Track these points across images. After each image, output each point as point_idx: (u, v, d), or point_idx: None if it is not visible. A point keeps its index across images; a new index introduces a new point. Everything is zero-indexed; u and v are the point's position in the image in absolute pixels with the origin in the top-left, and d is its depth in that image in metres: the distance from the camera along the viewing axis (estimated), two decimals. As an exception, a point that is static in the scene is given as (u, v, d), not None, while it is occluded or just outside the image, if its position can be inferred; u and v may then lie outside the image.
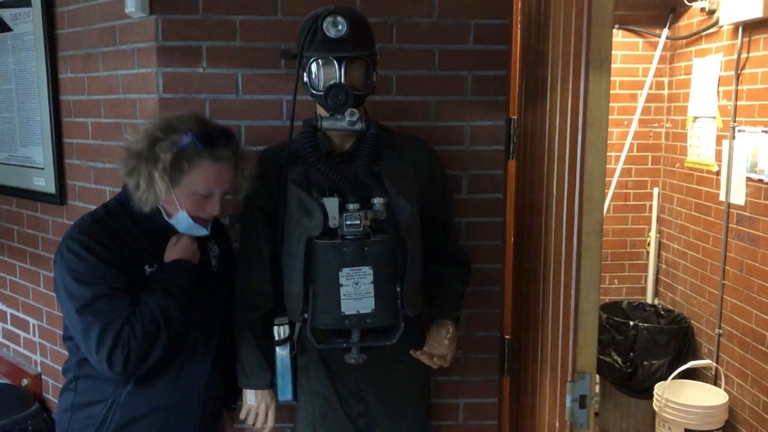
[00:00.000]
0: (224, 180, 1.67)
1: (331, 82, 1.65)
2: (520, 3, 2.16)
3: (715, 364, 3.44)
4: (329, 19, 1.64)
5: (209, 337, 1.80)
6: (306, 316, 1.72)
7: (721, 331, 3.41)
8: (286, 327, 1.84)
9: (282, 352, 1.86)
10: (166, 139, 1.60)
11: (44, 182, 2.66)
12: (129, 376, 1.65)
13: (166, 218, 1.68)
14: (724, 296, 3.38)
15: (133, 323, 1.56)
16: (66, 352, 1.78)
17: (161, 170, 1.58)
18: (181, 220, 1.67)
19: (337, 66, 1.65)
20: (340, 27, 1.64)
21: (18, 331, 2.98)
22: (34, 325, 2.87)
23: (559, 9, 1.70)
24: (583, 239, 1.52)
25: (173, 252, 1.69)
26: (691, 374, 3.47)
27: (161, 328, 1.59)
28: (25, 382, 2.88)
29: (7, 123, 2.83)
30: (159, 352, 1.61)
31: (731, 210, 3.30)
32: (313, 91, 1.70)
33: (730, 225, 3.31)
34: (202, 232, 1.71)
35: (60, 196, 2.58)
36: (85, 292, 1.57)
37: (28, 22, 2.59)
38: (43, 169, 2.66)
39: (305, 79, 1.71)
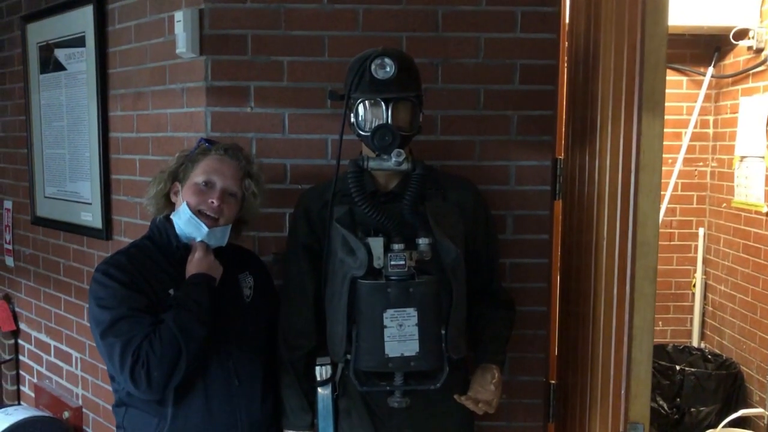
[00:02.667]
0: (225, 173, 1.74)
1: (378, 123, 1.66)
2: (567, 43, 2.15)
3: (767, 413, 3.30)
4: (377, 61, 1.65)
5: (251, 372, 1.79)
6: (349, 357, 1.71)
7: (773, 379, 3.28)
8: (329, 367, 1.82)
9: (324, 393, 1.83)
10: (177, 155, 1.81)
11: (91, 217, 2.70)
12: (160, 394, 1.65)
13: (171, 218, 1.75)
14: (776, 342, 3.26)
15: (151, 339, 1.59)
16: (109, 387, 1.80)
17: (167, 174, 1.77)
18: (181, 211, 1.72)
19: (384, 107, 1.66)
20: (388, 69, 1.65)
21: (61, 364, 3.01)
22: (77, 358, 2.90)
23: (609, 50, 1.68)
24: (636, 285, 1.48)
25: (190, 268, 1.72)
26: (742, 423, 3.33)
27: (181, 343, 1.60)
28: (66, 414, 2.89)
29: (58, 158, 2.90)
30: (184, 368, 1.62)
31: (782, 252, 3.20)
32: (360, 132, 1.71)
33: (781, 268, 3.21)
34: (203, 229, 1.72)
35: (106, 231, 2.62)
36: (107, 315, 1.62)
37: (82, 62, 2.67)
38: (90, 204, 2.71)
39: (352, 119, 1.71)
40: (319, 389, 1.83)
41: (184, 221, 1.72)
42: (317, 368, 1.82)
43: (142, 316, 1.62)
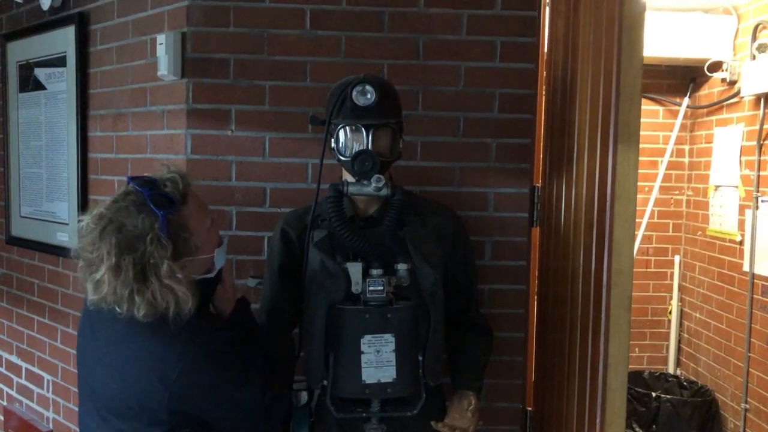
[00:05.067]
0: (202, 204, 1.54)
1: (359, 149, 1.67)
2: (545, 73, 2.18)
3: (742, 441, 3.32)
4: (358, 87, 1.66)
5: None
6: (325, 383, 1.69)
7: (747, 406, 3.31)
8: (305, 393, 1.81)
9: (300, 419, 1.81)
10: (134, 243, 1.37)
11: (67, 237, 2.68)
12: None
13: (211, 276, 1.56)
14: (750, 369, 3.29)
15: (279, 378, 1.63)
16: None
17: (166, 270, 1.38)
18: (219, 256, 1.56)
19: (365, 133, 1.67)
20: (369, 96, 1.66)
21: (32, 387, 2.95)
22: (48, 381, 2.84)
23: (585, 81, 1.72)
24: (612, 313, 1.49)
25: (230, 296, 1.67)
26: (717, 450, 3.36)
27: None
28: (35, 439, 2.84)
29: (35, 178, 2.87)
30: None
31: (756, 281, 3.25)
32: (341, 157, 1.72)
33: (754, 296, 3.25)
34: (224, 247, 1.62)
35: (82, 252, 2.59)
36: (256, 383, 1.54)
37: (62, 81, 2.66)
38: (67, 224, 2.68)
39: (333, 144, 1.72)
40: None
41: (223, 256, 1.59)
42: (293, 393, 1.80)
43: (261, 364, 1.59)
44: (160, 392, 1.44)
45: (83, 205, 2.59)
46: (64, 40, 2.62)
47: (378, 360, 1.65)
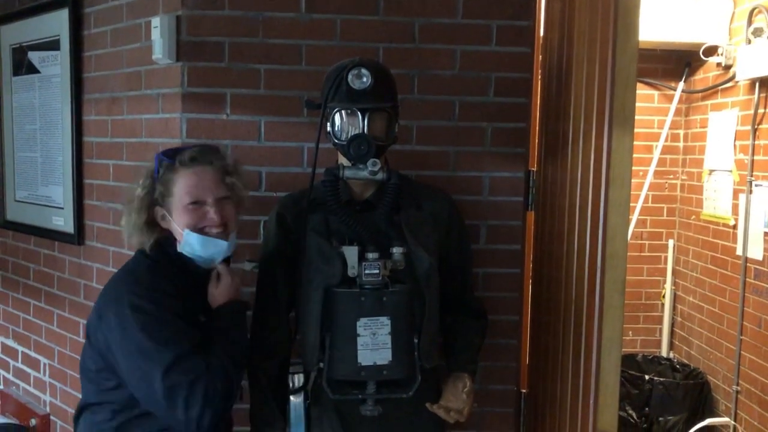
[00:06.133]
0: (207, 184, 1.62)
1: (355, 133, 1.67)
2: (540, 57, 2.18)
3: (733, 422, 3.36)
4: (354, 71, 1.66)
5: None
6: (322, 365, 1.71)
7: (739, 388, 3.35)
8: (301, 376, 1.82)
9: (296, 401, 1.82)
10: (141, 181, 1.67)
11: (63, 222, 2.68)
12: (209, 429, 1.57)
13: (180, 251, 1.64)
14: (742, 352, 3.32)
15: (213, 379, 1.52)
16: (77, 394, 1.74)
17: (137, 203, 1.65)
18: (189, 239, 1.61)
19: (360, 117, 1.67)
20: (364, 79, 1.66)
21: (29, 370, 2.96)
22: (45, 365, 2.86)
23: (581, 65, 1.72)
24: (606, 296, 1.51)
25: (221, 294, 1.66)
26: (709, 431, 3.40)
27: (233, 377, 1.57)
28: (33, 422, 2.85)
29: (30, 162, 2.87)
30: (233, 399, 1.60)
31: (748, 264, 3.27)
32: (336, 141, 1.72)
33: (747, 280, 3.28)
34: (223, 245, 1.64)
35: (78, 236, 2.60)
36: (168, 353, 1.51)
37: (56, 65, 2.64)
38: (62, 208, 2.68)
39: (328, 128, 1.72)
40: (292, 397, 1.82)
41: (200, 246, 1.62)
42: (290, 376, 1.82)
43: (199, 352, 1.54)
44: (95, 325, 1.61)
45: (78, 190, 2.59)
46: (57, 23, 2.60)
47: (374, 342, 1.66)
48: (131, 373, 1.55)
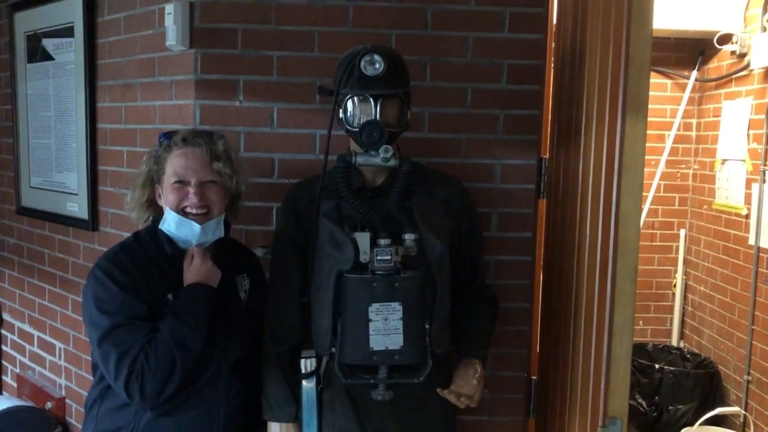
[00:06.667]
0: (192, 165, 1.67)
1: (367, 119, 1.68)
2: (554, 44, 2.18)
3: (743, 412, 3.36)
4: (367, 57, 1.66)
5: (233, 369, 1.79)
6: (334, 350, 1.72)
7: (750, 378, 3.34)
8: (313, 360, 1.84)
9: (308, 386, 1.85)
10: (145, 158, 1.77)
11: (77, 208, 2.70)
12: (152, 404, 1.63)
13: (160, 227, 1.69)
14: (753, 342, 3.32)
15: (147, 351, 1.57)
16: (92, 378, 1.79)
17: (141, 180, 1.73)
18: (167, 217, 1.68)
19: (372, 103, 1.68)
20: (377, 65, 1.66)
21: (44, 355, 3.00)
22: (60, 349, 2.89)
23: (594, 52, 1.71)
24: (618, 283, 1.51)
25: (189, 276, 1.69)
26: (719, 421, 3.39)
27: (176, 357, 1.58)
28: (49, 405, 2.89)
29: (44, 149, 2.89)
30: (177, 380, 1.60)
31: (761, 254, 3.26)
32: (348, 127, 1.72)
33: (759, 269, 3.26)
34: (195, 227, 1.67)
35: (92, 222, 2.62)
36: (105, 321, 1.59)
37: (70, 52, 2.66)
38: (76, 195, 2.70)
39: (341, 115, 1.73)
40: (304, 382, 1.84)
41: (175, 225, 1.67)
42: (302, 361, 1.83)
43: (140, 324, 1.59)
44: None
45: (92, 176, 2.62)
46: (71, 10, 2.62)
47: (385, 328, 1.67)
48: (88, 337, 1.67)
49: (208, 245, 1.74)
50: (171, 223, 1.68)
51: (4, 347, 3.33)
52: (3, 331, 3.33)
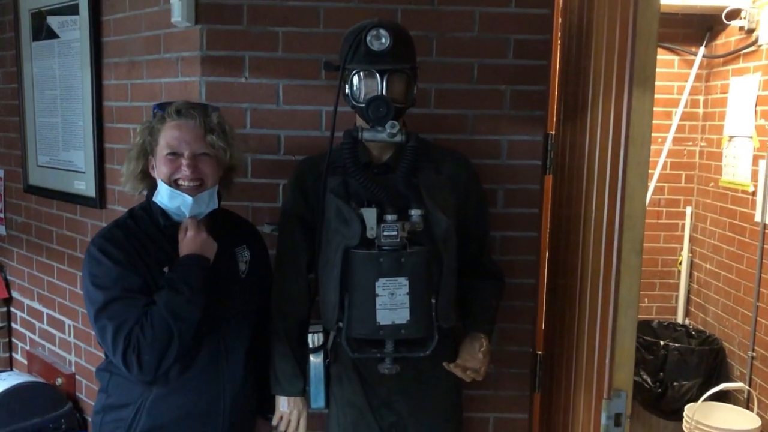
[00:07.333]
0: (185, 137, 1.66)
1: (373, 95, 1.67)
2: (560, 19, 2.16)
3: (747, 387, 3.38)
4: (373, 32, 1.66)
5: (238, 344, 1.79)
6: (341, 324, 1.73)
7: (754, 354, 3.36)
8: (321, 335, 1.86)
9: (316, 360, 1.87)
10: (139, 129, 1.75)
11: (84, 186, 2.71)
12: (150, 376, 1.63)
13: (154, 200, 1.70)
14: (758, 318, 3.33)
15: (143, 324, 1.57)
16: (101, 354, 1.81)
17: (135, 151, 1.73)
18: (160, 189, 1.68)
19: (379, 78, 1.67)
20: (383, 40, 1.66)
21: (54, 331, 3.03)
22: (69, 326, 2.92)
23: (602, 26, 1.70)
24: (623, 257, 1.51)
25: (183, 247, 1.68)
26: (723, 397, 3.41)
27: (172, 327, 1.58)
28: (59, 381, 2.93)
29: (51, 127, 2.90)
30: (175, 351, 1.60)
31: (767, 231, 3.25)
32: (354, 103, 1.72)
33: (765, 246, 3.26)
34: (187, 199, 1.66)
35: (99, 200, 2.64)
36: (101, 295, 1.60)
37: (75, 30, 2.65)
38: (84, 173, 2.72)
39: (347, 90, 1.73)
40: (311, 356, 1.86)
41: (167, 197, 1.67)
42: (309, 335, 1.85)
43: (136, 298, 1.60)
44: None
45: (99, 154, 2.63)
46: (75, -13, 2.61)
47: (392, 302, 1.69)
48: (88, 313, 1.68)
49: (202, 217, 1.73)
50: (163, 194, 1.68)
51: (14, 325, 3.36)
52: (13, 309, 3.37)
